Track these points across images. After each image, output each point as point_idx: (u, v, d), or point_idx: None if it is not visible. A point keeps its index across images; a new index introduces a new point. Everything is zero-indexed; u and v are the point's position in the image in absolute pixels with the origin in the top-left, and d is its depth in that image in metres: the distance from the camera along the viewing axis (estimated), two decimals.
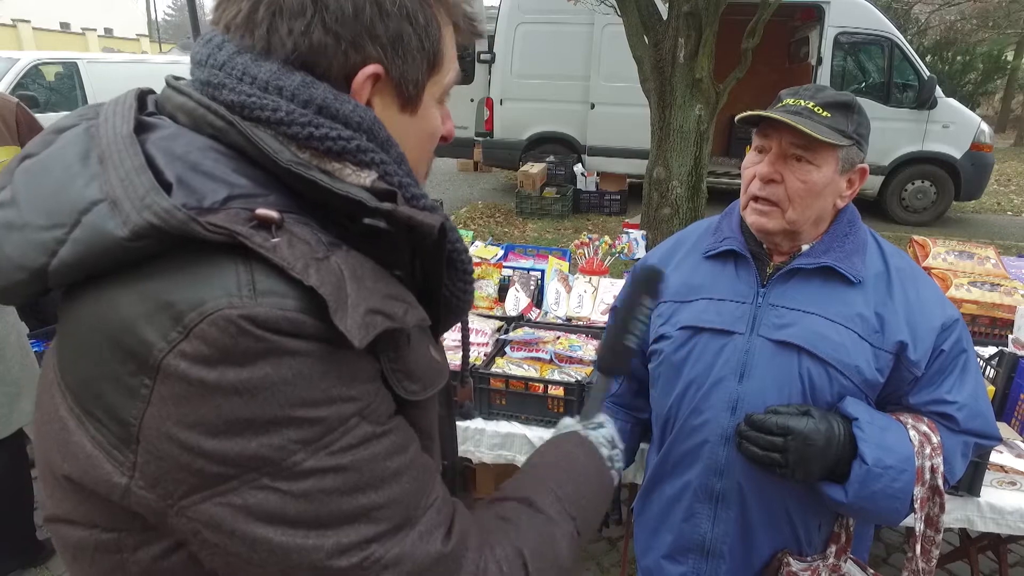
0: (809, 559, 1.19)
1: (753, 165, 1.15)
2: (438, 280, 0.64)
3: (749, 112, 1.11)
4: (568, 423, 0.91)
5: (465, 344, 0.84)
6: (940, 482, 1.09)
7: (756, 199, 1.14)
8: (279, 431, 0.49)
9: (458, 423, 0.81)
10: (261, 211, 0.51)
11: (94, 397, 0.51)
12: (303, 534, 0.50)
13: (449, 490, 0.80)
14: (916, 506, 1.09)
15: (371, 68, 0.58)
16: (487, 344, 2.05)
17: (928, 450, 1.08)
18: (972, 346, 1.16)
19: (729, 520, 1.19)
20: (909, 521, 1.16)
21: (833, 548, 1.19)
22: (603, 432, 0.88)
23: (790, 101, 1.11)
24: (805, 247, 1.16)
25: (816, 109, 1.08)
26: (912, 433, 1.08)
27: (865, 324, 1.11)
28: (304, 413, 0.49)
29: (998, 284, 2.33)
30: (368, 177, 0.57)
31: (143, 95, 0.61)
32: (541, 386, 1.81)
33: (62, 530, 0.57)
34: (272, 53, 0.56)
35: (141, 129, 0.54)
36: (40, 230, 0.50)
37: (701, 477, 1.20)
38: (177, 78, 0.62)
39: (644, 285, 1.00)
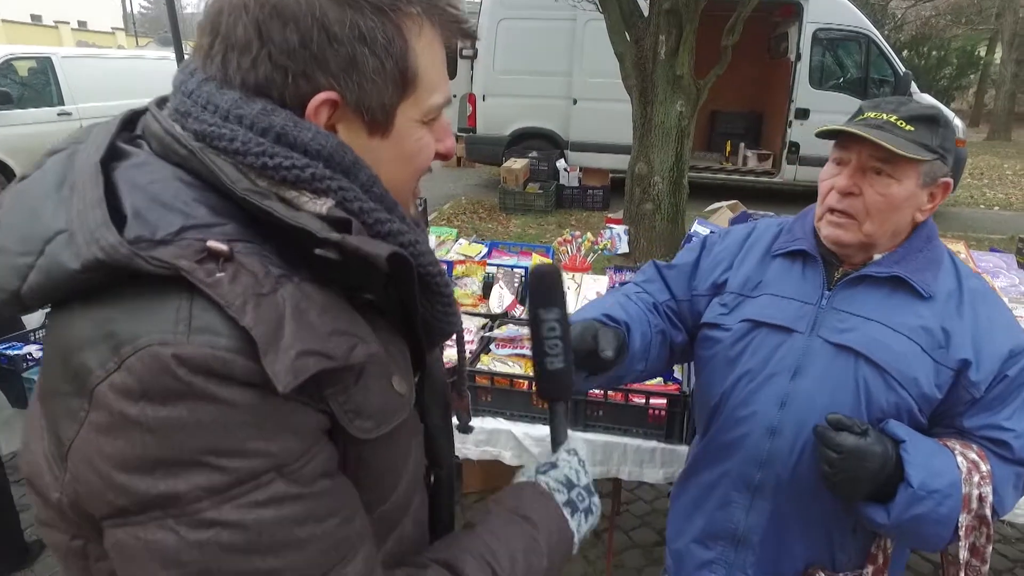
0: (841, 575, 1.17)
1: (831, 177, 1.13)
2: (412, 304, 0.63)
3: (830, 127, 1.09)
4: (531, 467, 0.81)
5: (461, 358, 0.82)
6: (988, 512, 1.05)
7: (832, 211, 1.13)
8: (186, 475, 0.49)
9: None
10: (212, 243, 0.51)
11: (50, 411, 0.53)
12: None
13: (443, 494, 0.80)
14: (961, 533, 1.06)
15: (323, 96, 0.56)
16: (472, 342, 2.07)
17: (976, 478, 1.04)
18: None
19: (764, 512, 1.18)
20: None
21: (870, 569, 1.17)
22: (554, 474, 0.79)
23: (871, 114, 1.09)
24: (877, 256, 1.15)
25: (899, 123, 1.06)
26: (960, 460, 1.05)
27: (930, 338, 1.08)
28: (214, 461, 0.49)
29: None
30: (324, 205, 0.56)
31: (136, 115, 0.61)
32: (526, 382, 1.84)
33: (45, 533, 0.60)
34: (228, 83, 0.56)
35: (116, 156, 0.56)
36: (15, 255, 0.52)
37: (741, 466, 1.19)
38: (163, 99, 0.62)
39: (537, 297, 0.85)
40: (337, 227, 0.55)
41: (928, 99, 8.14)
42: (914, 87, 7.97)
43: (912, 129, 1.06)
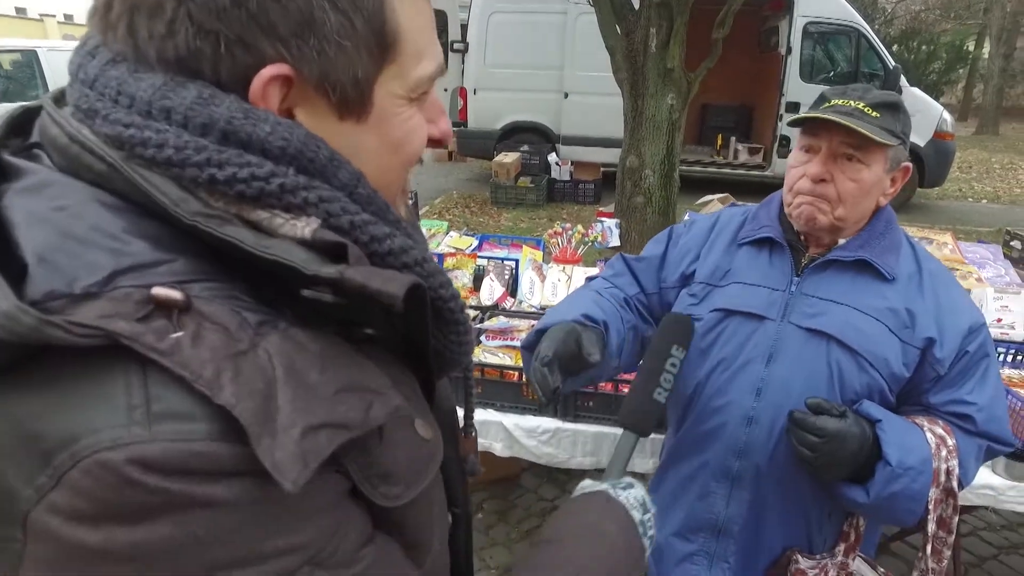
0: (818, 557, 1.19)
1: (801, 164, 1.15)
2: (423, 335, 0.51)
3: (805, 114, 1.11)
4: (589, 484, 0.78)
5: (468, 394, 0.72)
6: (955, 484, 1.10)
7: (804, 195, 1.14)
8: None
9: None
10: (159, 291, 0.37)
11: None
12: None
13: (460, 536, 0.69)
14: (930, 507, 1.10)
15: (270, 70, 0.41)
16: None
17: (944, 452, 1.08)
18: (995, 352, 1.17)
19: (743, 501, 1.20)
20: None
21: (842, 547, 1.20)
22: (634, 493, 0.75)
23: (839, 102, 1.11)
24: (842, 241, 1.18)
25: (866, 110, 1.09)
26: (929, 436, 1.09)
27: (896, 318, 1.12)
28: None
29: (955, 269, 2.43)
30: (307, 226, 0.42)
31: (31, 115, 0.45)
32: (516, 373, 1.85)
33: None
34: (144, 61, 0.41)
35: (1, 176, 0.41)
36: None
37: (719, 456, 1.20)
38: (62, 93, 0.45)
39: (674, 334, 0.97)
40: (328, 253, 0.42)
41: (918, 93, 8.20)
42: (904, 81, 8.01)
43: (878, 116, 1.09)
